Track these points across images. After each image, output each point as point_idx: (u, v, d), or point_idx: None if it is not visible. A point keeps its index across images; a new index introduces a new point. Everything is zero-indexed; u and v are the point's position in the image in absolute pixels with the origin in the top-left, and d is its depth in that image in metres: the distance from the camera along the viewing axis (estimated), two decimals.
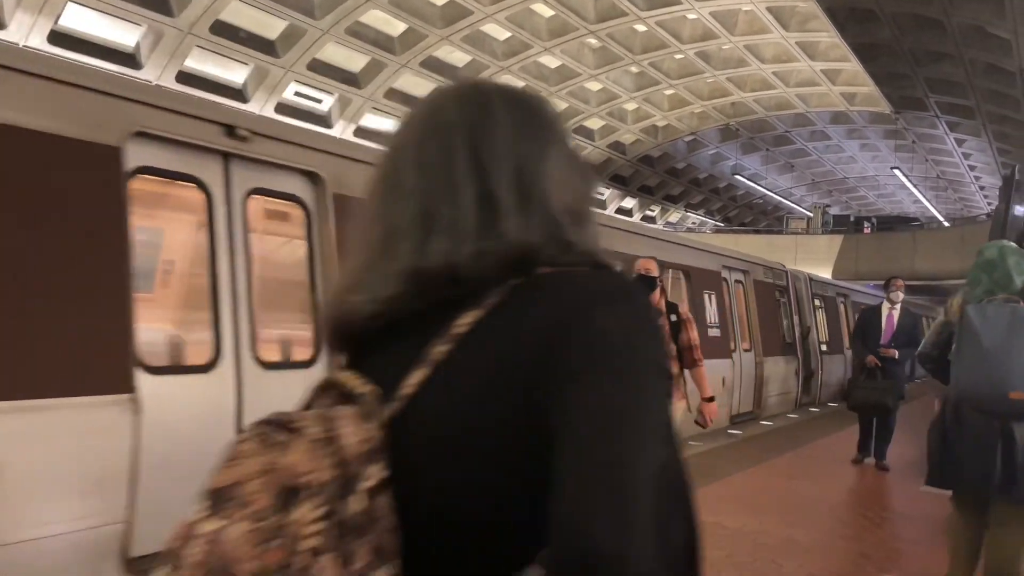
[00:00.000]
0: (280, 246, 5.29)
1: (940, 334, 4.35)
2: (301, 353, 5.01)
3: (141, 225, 4.48)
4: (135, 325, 4.10)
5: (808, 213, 39.59)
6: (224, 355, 4.56)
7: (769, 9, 22.54)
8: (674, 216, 43.39)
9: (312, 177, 5.16)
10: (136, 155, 4.26)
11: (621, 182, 36.95)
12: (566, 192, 0.98)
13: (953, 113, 27.38)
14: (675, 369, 5.41)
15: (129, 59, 18.54)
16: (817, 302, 15.63)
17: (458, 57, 24.39)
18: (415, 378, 0.87)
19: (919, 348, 4.79)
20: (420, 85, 25.01)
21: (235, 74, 21.12)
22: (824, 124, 33.03)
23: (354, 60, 22.88)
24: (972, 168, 36.35)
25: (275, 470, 0.81)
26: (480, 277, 0.89)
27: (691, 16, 23.43)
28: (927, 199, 36.90)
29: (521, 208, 0.93)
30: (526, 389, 0.82)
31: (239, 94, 21.19)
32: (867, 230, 35.21)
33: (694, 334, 5.57)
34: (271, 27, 20.46)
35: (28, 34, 16.31)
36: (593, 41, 24.89)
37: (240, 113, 6.29)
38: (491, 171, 0.94)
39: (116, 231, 4.11)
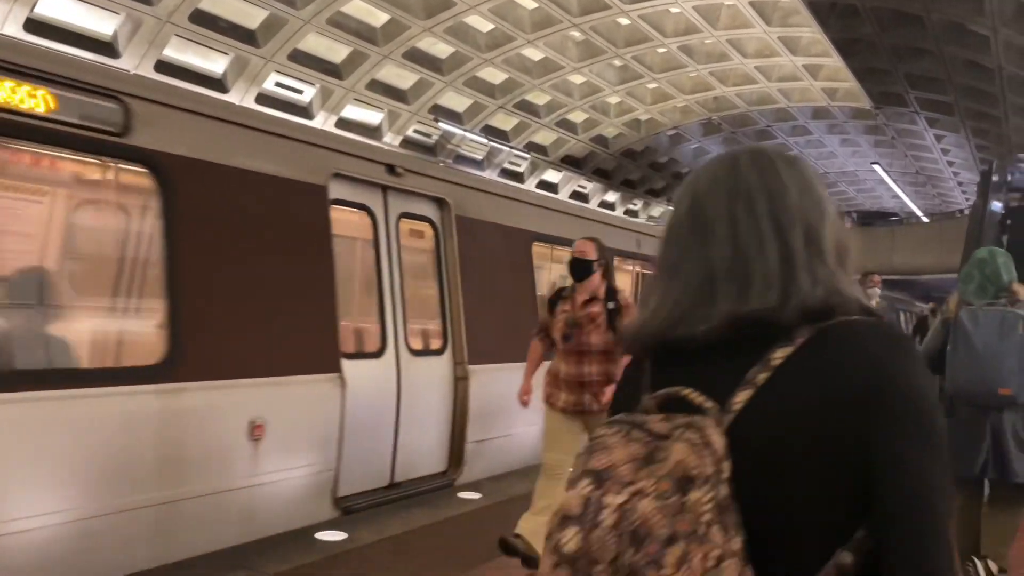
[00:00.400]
0: (418, 258, 6.75)
1: (944, 334, 4.67)
2: (435, 344, 6.72)
3: (337, 244, 5.97)
4: (339, 323, 5.70)
5: None
6: (388, 345, 6.24)
7: (751, 4, 22.60)
8: (656, 210, 43.51)
9: (440, 203, 6.88)
10: (334, 191, 5.92)
11: (604, 176, 36.97)
12: (836, 244, 1.28)
13: (932, 109, 27.64)
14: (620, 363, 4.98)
15: (107, 48, 18.28)
16: None
17: (441, 49, 24.27)
18: (741, 397, 1.15)
19: (922, 347, 5.06)
20: (402, 76, 24.89)
21: (215, 64, 20.89)
22: (805, 119, 33.22)
23: (336, 51, 22.71)
24: (951, 164, 36.71)
25: (654, 461, 1.07)
26: (785, 322, 1.17)
27: (674, 10, 23.46)
28: (906, 194, 37.26)
29: (810, 262, 1.23)
30: (843, 420, 1.09)
31: (219, 84, 20.96)
32: (847, 225, 35.49)
33: None
34: (251, 16, 20.25)
35: (3, 22, 16.04)
36: (576, 34, 24.85)
37: (395, 153, 8.48)
38: (788, 231, 1.24)
39: (326, 250, 5.72)
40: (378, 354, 6.09)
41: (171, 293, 4.60)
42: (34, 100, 3.88)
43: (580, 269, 5.18)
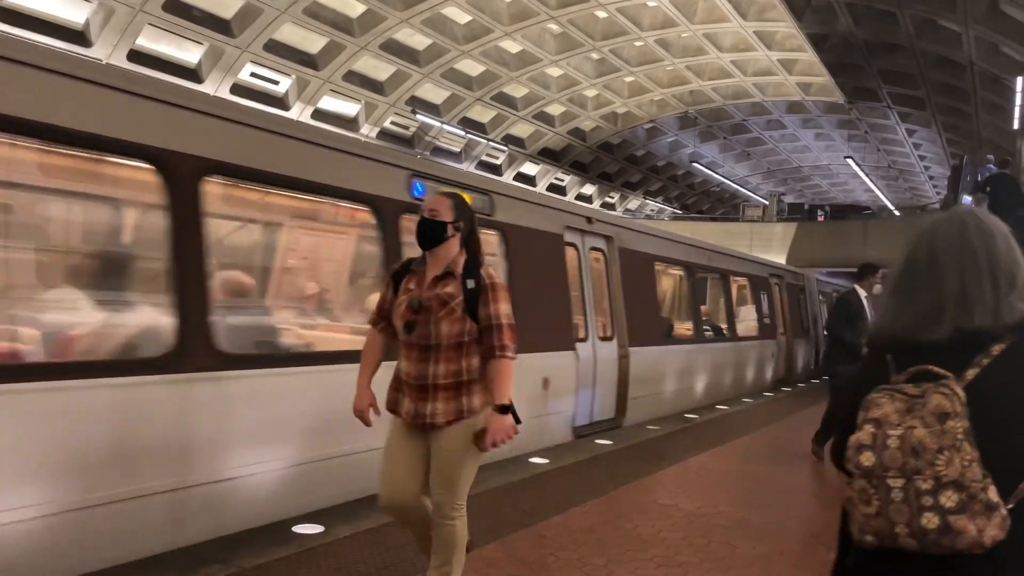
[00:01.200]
0: (598, 277, 9.81)
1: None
2: (608, 333, 9.78)
3: (569, 273, 9.05)
4: (572, 320, 8.82)
5: (764, 201, 40.14)
6: (589, 334, 9.19)
7: None
8: (633, 203, 43.69)
9: (608, 239, 9.99)
10: (564, 237, 8.96)
11: (581, 169, 37.05)
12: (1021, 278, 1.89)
13: (905, 104, 27.97)
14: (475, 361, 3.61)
15: (79, 37, 18.03)
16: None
17: (418, 40, 24.18)
18: (971, 373, 1.77)
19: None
20: (379, 68, 24.76)
21: (189, 54, 20.66)
22: (780, 113, 33.50)
23: (312, 41, 22.55)
24: (922, 158, 37.20)
25: (923, 407, 1.74)
26: (995, 333, 1.80)
27: (651, 3, 23.53)
28: (878, 188, 37.68)
29: (1010, 296, 1.84)
30: None
31: (193, 74, 20.75)
32: (820, 218, 35.84)
33: (502, 307, 3.58)
34: (226, 6, 20.04)
35: None
36: (554, 27, 24.85)
37: (590, 208, 12.37)
38: (999, 278, 1.86)
39: (563, 276, 8.78)
40: (585, 340, 9.06)
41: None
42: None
43: (429, 233, 3.65)
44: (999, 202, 12.57)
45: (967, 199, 12.62)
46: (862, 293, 8.50)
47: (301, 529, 4.68)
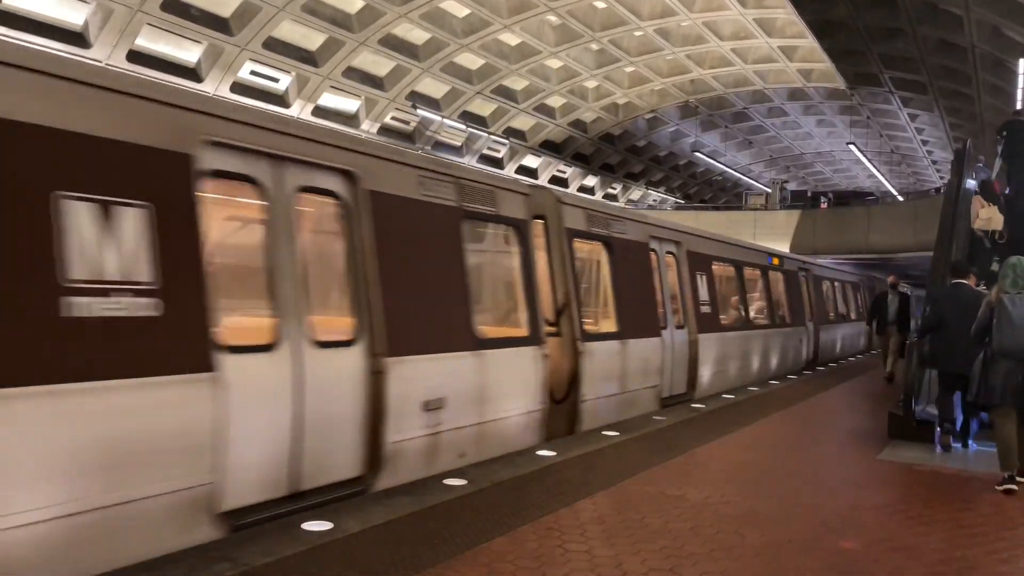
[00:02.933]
0: (672, 277, 11.61)
1: (989, 313, 6.75)
2: (679, 323, 11.47)
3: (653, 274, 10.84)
4: (658, 312, 10.59)
5: (766, 189, 40.05)
6: (668, 324, 10.88)
7: None
8: (635, 194, 43.61)
9: (678, 244, 11.75)
10: (648, 244, 10.72)
11: (583, 160, 36.98)
12: None
13: (906, 89, 27.83)
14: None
15: (78, 38, 18.02)
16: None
17: (417, 35, 24.13)
18: None
19: (978, 323, 6.87)
20: (379, 63, 24.72)
21: (188, 53, 20.64)
22: (781, 101, 33.37)
23: (311, 38, 22.51)
24: (925, 143, 37.04)
25: None
26: None
27: None
28: (881, 174, 37.55)
29: None
30: None
31: (193, 73, 20.73)
32: (824, 205, 35.74)
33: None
34: (224, 4, 20.00)
35: None
36: (553, 18, 24.77)
37: (655, 218, 12.85)
38: None
39: (650, 277, 10.52)
40: (665, 328, 10.77)
41: (626, 305, 9.85)
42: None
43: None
44: (1016, 146, 12.31)
45: (972, 183, 12.56)
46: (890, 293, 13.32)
47: (310, 526, 4.69)
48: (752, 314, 14.76)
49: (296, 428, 5.16)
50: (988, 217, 10.94)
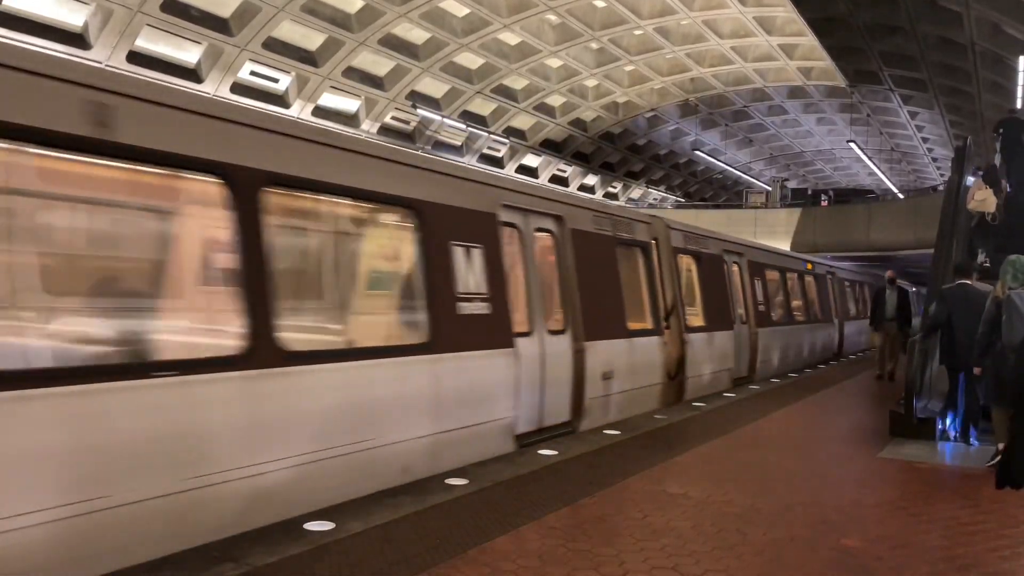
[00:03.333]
0: (737, 282, 13.81)
1: (996, 307, 7.05)
2: (744, 319, 13.56)
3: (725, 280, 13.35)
4: (731, 311, 13.04)
5: (767, 187, 40.03)
6: (735, 320, 13.05)
7: None
8: (636, 192, 43.60)
9: (741, 255, 13.98)
10: (723, 257, 13.24)
11: (583, 159, 36.98)
12: None
13: (906, 86, 27.81)
14: None
15: (78, 39, 18.02)
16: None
17: (417, 35, 24.13)
18: None
19: (986, 318, 7.19)
20: (379, 63, 24.72)
21: (188, 54, 20.65)
22: (781, 99, 33.36)
23: (311, 38, 22.51)
24: (925, 140, 37.02)
25: None
26: None
27: None
28: (882, 171, 37.53)
29: None
30: None
31: (193, 74, 20.74)
32: (824, 203, 35.72)
33: None
34: (224, 5, 20.01)
35: None
36: (552, 17, 24.77)
37: (722, 233, 14.38)
38: None
39: (725, 283, 13.08)
40: (734, 323, 13.13)
41: (712, 304, 11.89)
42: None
43: None
44: (1013, 144, 12.95)
45: (970, 180, 12.60)
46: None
47: (312, 526, 4.70)
48: (794, 311, 17.29)
49: (542, 384, 8.00)
50: (983, 199, 11.79)
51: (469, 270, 6.97)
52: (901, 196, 38.82)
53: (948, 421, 8.51)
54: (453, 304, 6.66)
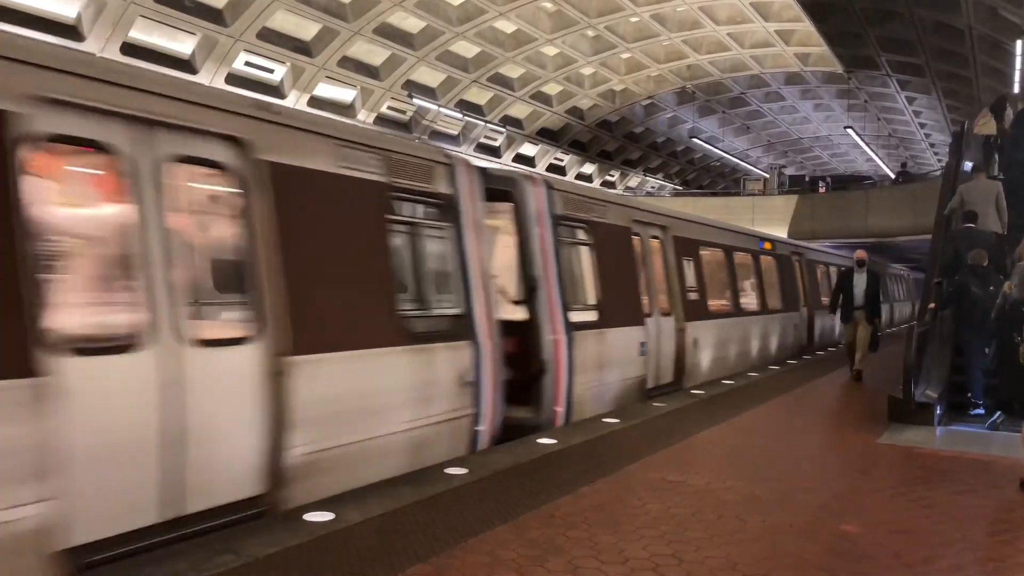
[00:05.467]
0: (800, 277, 18.08)
1: (1003, 302, 7.64)
2: (804, 305, 17.76)
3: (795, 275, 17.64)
4: (799, 298, 17.47)
5: (764, 174, 39.95)
6: (801, 306, 17.24)
7: None
8: (633, 181, 43.53)
9: (801, 255, 18.03)
10: (792, 257, 17.73)
11: (580, 148, 36.90)
12: None
13: (904, 71, 27.74)
14: None
15: (71, 31, 17.91)
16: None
17: (412, 23, 24.01)
18: None
19: (997, 311, 7.74)
20: (374, 52, 24.60)
21: (182, 44, 20.54)
22: (779, 85, 33.26)
23: (305, 28, 22.39)
24: (922, 126, 36.95)
25: None
26: None
27: None
28: (879, 157, 37.48)
29: None
30: None
31: (187, 65, 20.63)
32: (822, 189, 35.67)
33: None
34: None
35: None
36: (548, 5, 24.65)
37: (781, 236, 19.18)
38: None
39: (794, 276, 17.27)
40: (799, 307, 16.78)
41: (788, 291, 16.19)
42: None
43: None
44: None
45: (968, 166, 12.59)
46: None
47: (312, 517, 4.70)
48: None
49: (659, 353, 10.54)
50: (984, 122, 13.46)
51: (618, 268, 9.71)
52: (899, 182, 38.77)
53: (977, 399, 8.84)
54: (611, 292, 9.26)
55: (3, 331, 3.68)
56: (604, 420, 8.15)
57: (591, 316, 9.02)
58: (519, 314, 8.06)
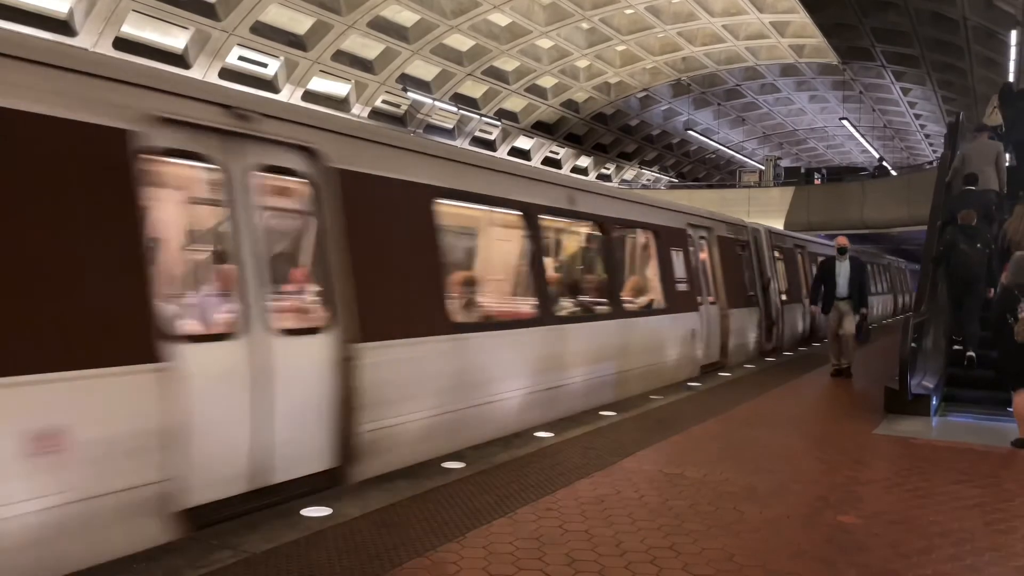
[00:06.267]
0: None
1: (1003, 294, 7.68)
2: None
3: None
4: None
5: (760, 166, 39.94)
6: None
7: None
8: (629, 174, 43.49)
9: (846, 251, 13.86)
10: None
11: (576, 141, 36.84)
12: None
13: (899, 62, 27.73)
14: None
15: (63, 26, 17.82)
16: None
17: (406, 17, 23.93)
18: None
19: (996, 303, 7.88)
20: (368, 46, 24.52)
21: (175, 39, 20.45)
22: (774, 77, 33.24)
23: (299, 22, 22.31)
24: (917, 116, 36.96)
25: None
26: None
27: None
28: (875, 149, 37.49)
29: None
30: None
31: (180, 60, 20.54)
32: (818, 181, 35.67)
33: None
34: None
35: None
36: None
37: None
38: None
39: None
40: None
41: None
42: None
43: None
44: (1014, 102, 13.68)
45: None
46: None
47: (309, 512, 4.69)
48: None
49: (708, 336, 12.12)
50: (991, 113, 14.02)
51: (677, 264, 11.14)
52: (894, 173, 38.79)
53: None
54: (673, 284, 10.86)
55: (131, 322, 4.25)
56: (601, 413, 8.16)
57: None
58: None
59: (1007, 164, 12.32)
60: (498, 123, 31.70)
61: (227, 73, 21.62)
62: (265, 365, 4.94)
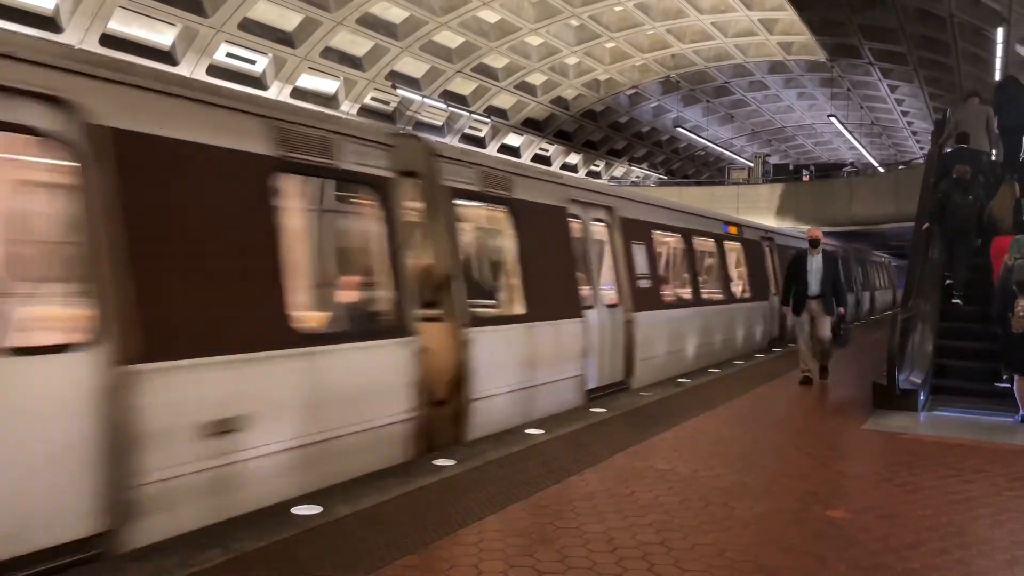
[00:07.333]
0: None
1: (1008, 274, 7.99)
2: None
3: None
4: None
5: (749, 163, 40.05)
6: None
7: None
8: (618, 171, 43.53)
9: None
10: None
11: (565, 138, 36.83)
12: None
13: (886, 60, 27.84)
14: None
15: (49, 23, 17.68)
16: None
17: (395, 13, 23.85)
18: None
19: (1000, 283, 8.17)
20: (357, 43, 24.43)
21: (162, 36, 20.31)
22: (762, 74, 33.32)
23: (287, 18, 22.20)
24: (905, 114, 37.13)
25: None
26: None
27: None
28: (862, 146, 37.65)
29: None
30: None
31: (168, 57, 20.41)
32: (806, 178, 35.80)
33: None
34: None
35: None
36: None
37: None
38: None
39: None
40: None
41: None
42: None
43: None
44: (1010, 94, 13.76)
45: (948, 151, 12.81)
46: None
47: (300, 510, 4.68)
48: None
49: (734, 322, 14.40)
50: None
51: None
52: (881, 170, 38.99)
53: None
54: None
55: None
56: (591, 410, 8.16)
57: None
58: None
59: None
60: (488, 120, 31.66)
61: (215, 70, 21.50)
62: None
